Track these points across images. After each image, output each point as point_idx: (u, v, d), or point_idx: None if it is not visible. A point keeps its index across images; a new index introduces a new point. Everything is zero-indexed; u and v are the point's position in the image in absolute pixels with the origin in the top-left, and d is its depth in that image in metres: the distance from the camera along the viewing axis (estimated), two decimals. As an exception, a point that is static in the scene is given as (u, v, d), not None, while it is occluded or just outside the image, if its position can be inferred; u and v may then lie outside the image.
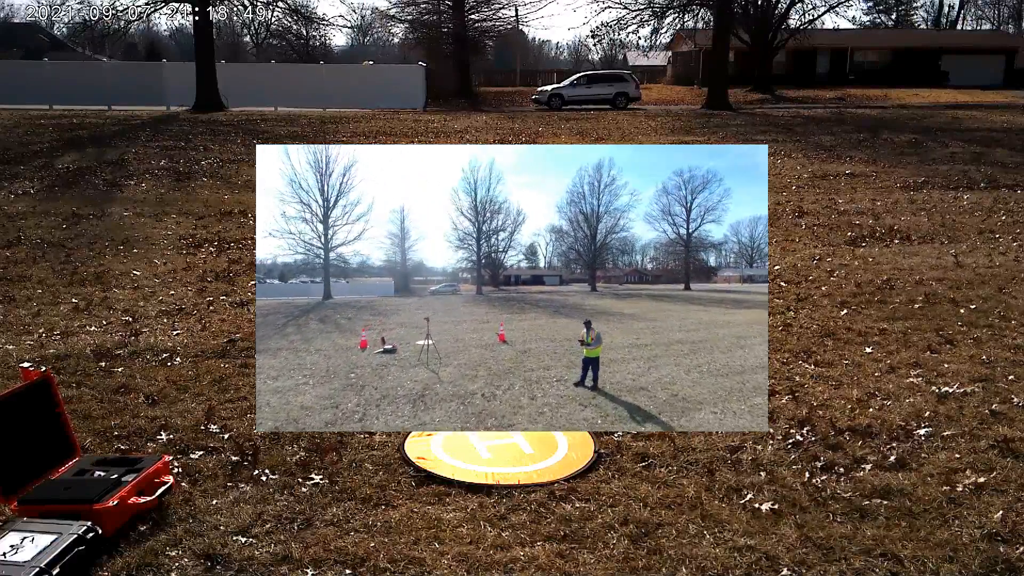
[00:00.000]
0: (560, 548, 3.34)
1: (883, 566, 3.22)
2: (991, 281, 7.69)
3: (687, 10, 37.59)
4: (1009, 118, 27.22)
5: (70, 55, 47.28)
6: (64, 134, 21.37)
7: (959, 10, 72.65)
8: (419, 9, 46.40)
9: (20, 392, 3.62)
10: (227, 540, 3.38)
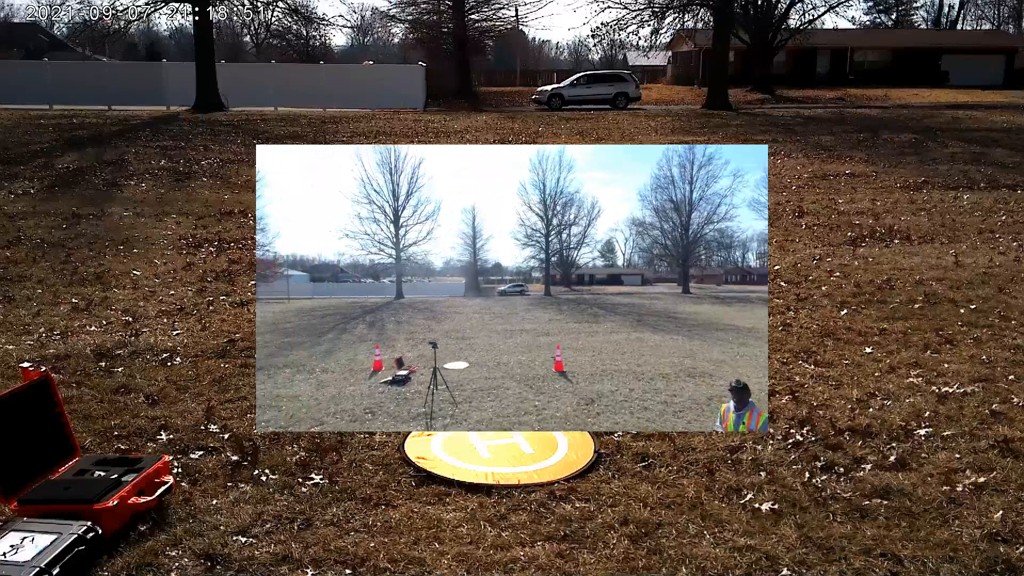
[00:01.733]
0: (560, 548, 3.34)
1: (883, 566, 3.22)
2: (991, 281, 7.69)
3: (687, 10, 37.54)
4: (1009, 118, 27.22)
5: (70, 55, 47.24)
6: (64, 134, 21.36)
7: (959, 10, 72.69)
8: (419, 9, 46.46)
9: (20, 392, 3.62)
10: (227, 540, 3.38)
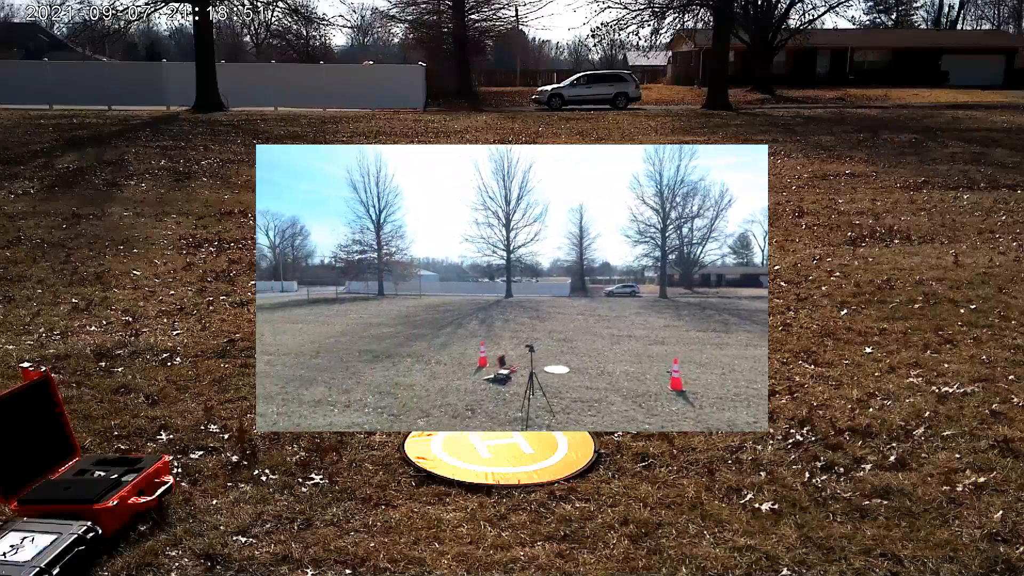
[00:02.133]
0: (560, 548, 3.34)
1: (883, 566, 3.22)
2: (991, 281, 7.69)
3: (687, 10, 37.55)
4: (1009, 118, 27.22)
5: (70, 55, 47.24)
6: (64, 134, 21.36)
7: (959, 10, 72.71)
8: (419, 9, 46.48)
9: (20, 392, 3.62)
10: (227, 540, 3.38)
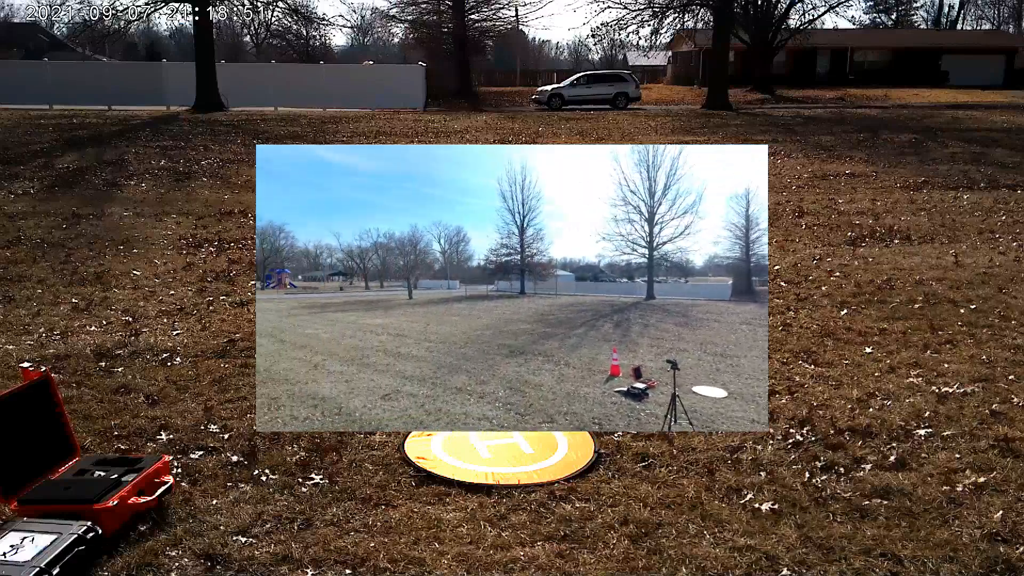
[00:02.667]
0: (560, 548, 3.34)
1: (883, 566, 3.22)
2: (991, 281, 7.69)
3: (687, 10, 37.55)
4: (1009, 118, 27.22)
5: (70, 55, 47.24)
6: (64, 134, 21.36)
7: (959, 10, 72.74)
8: (419, 9, 46.49)
9: (20, 392, 3.62)
10: (227, 540, 3.38)
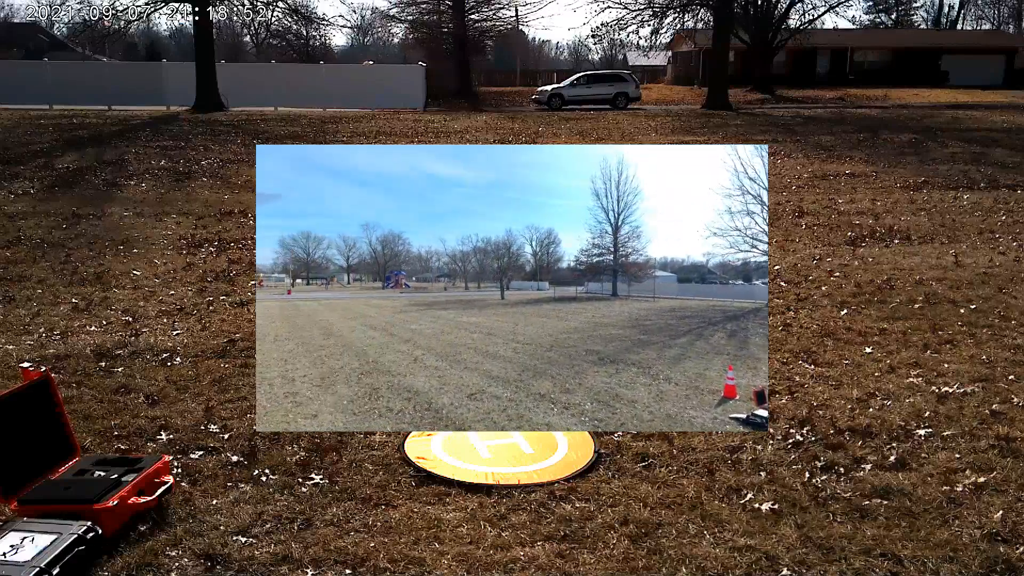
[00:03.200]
0: (560, 548, 3.34)
1: (883, 566, 3.22)
2: (991, 281, 7.69)
3: (687, 10, 37.57)
4: (1009, 118, 27.22)
5: (70, 55, 47.27)
6: (64, 134, 21.37)
7: (959, 10, 72.75)
8: (419, 9, 46.51)
9: (20, 392, 3.62)
10: (227, 540, 3.38)
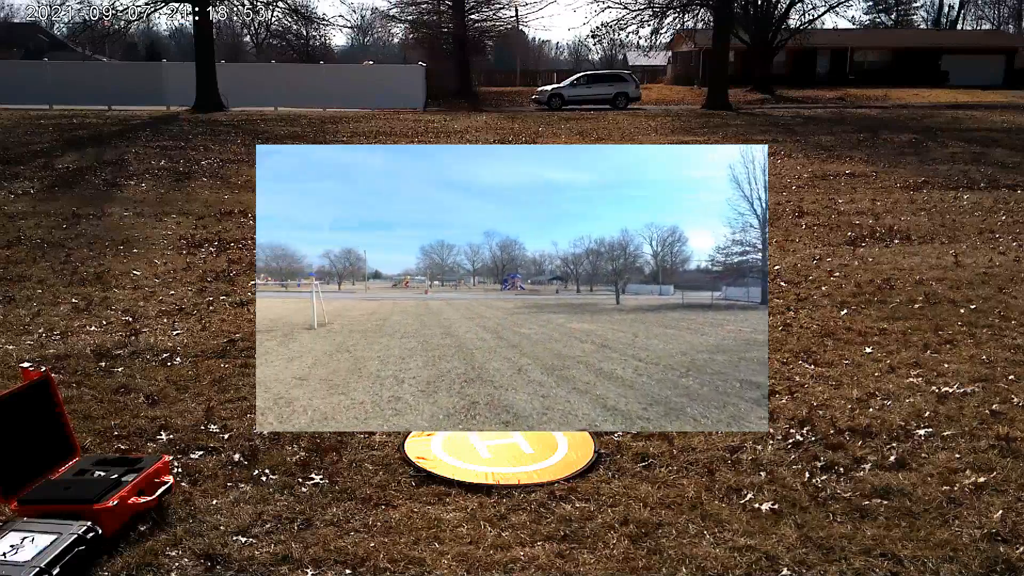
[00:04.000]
0: (560, 548, 3.34)
1: (883, 566, 3.22)
2: (991, 281, 7.69)
3: (687, 10, 37.59)
4: (1009, 118, 27.22)
5: (70, 55, 47.24)
6: (64, 134, 21.37)
7: (959, 10, 72.78)
8: (419, 9, 46.53)
9: (20, 392, 3.62)
10: (227, 540, 3.38)
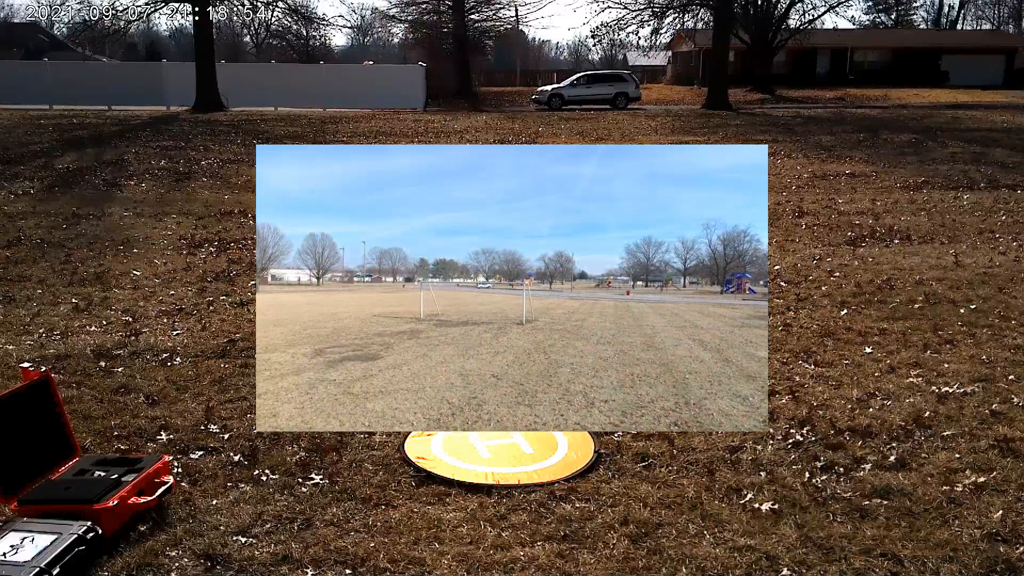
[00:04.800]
0: (560, 548, 3.34)
1: (883, 566, 3.22)
2: (991, 281, 7.69)
3: (687, 10, 37.62)
4: (1009, 118, 27.22)
5: (70, 55, 47.23)
6: (64, 134, 21.37)
7: (959, 10, 72.81)
8: (419, 9, 46.52)
9: (20, 392, 3.62)
10: (227, 540, 3.38)
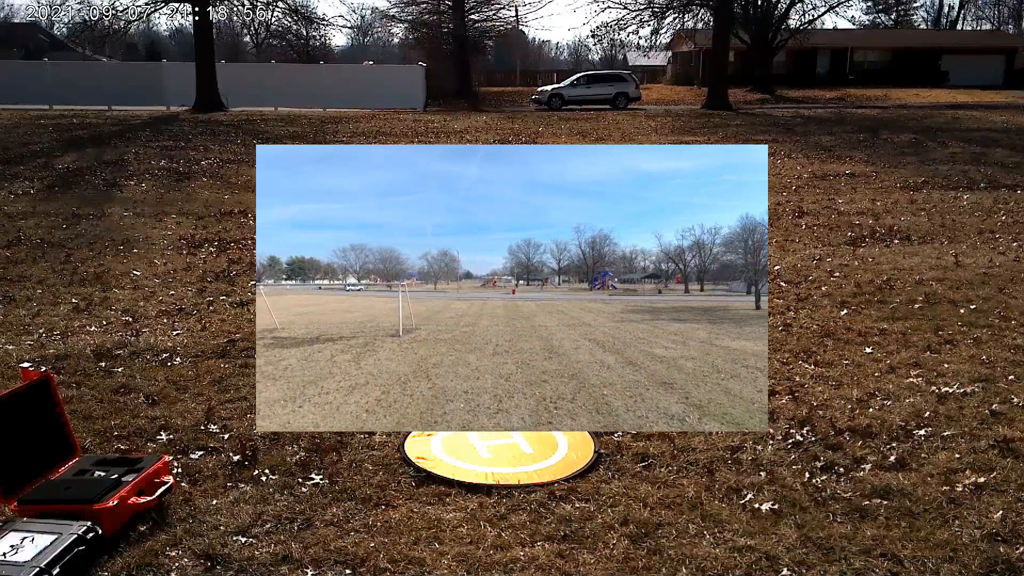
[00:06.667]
0: (560, 548, 3.34)
1: (883, 566, 3.22)
2: (991, 281, 7.69)
3: (687, 10, 37.59)
4: (1009, 118, 27.22)
5: (70, 55, 47.18)
6: (64, 134, 21.37)
7: (959, 10, 72.74)
8: (419, 9, 46.49)
9: (20, 392, 3.62)
10: (227, 540, 3.38)
